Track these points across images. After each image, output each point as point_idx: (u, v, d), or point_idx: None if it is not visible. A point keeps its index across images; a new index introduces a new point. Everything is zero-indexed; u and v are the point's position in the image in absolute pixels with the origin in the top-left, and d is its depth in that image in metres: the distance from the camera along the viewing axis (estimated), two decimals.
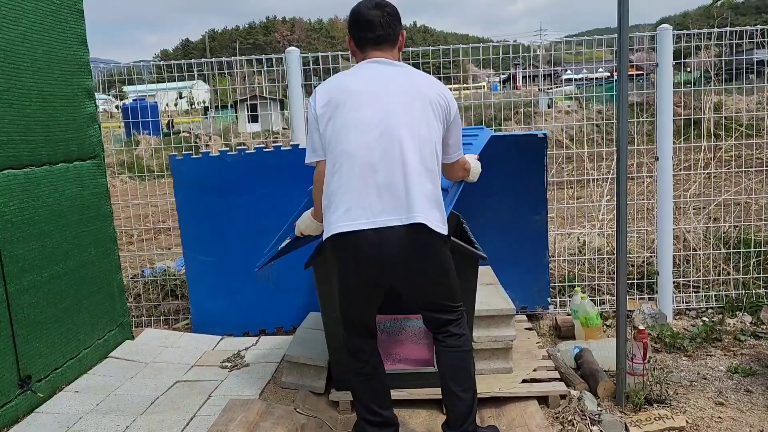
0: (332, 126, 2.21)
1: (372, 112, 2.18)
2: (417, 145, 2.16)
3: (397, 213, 2.11)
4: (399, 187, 2.12)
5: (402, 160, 2.13)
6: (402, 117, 2.17)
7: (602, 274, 4.28)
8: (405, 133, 2.15)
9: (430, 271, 2.23)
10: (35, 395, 2.78)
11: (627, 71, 2.58)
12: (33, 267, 2.81)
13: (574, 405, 2.77)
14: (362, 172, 2.13)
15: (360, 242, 2.12)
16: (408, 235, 2.12)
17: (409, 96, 2.22)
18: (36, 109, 2.86)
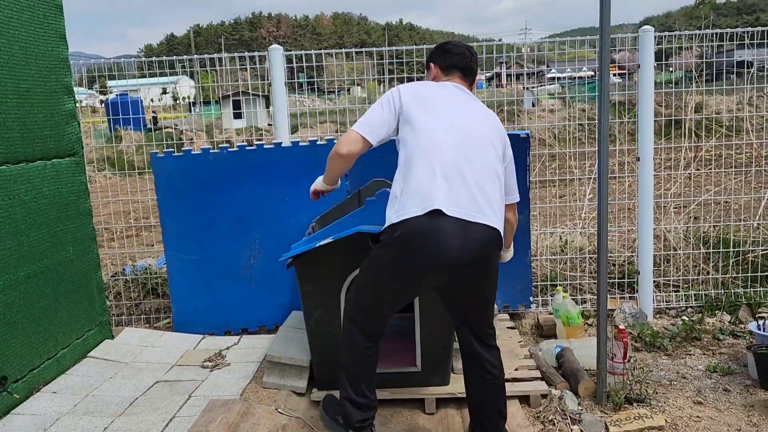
0: (417, 115, 2.29)
1: (460, 120, 2.31)
2: (496, 176, 2.28)
3: (483, 215, 2.16)
4: (484, 193, 2.19)
5: (486, 170, 2.24)
6: (484, 144, 2.30)
7: (584, 273, 4.30)
8: (487, 151, 2.28)
9: (491, 278, 2.29)
10: (11, 396, 2.73)
11: (608, 71, 2.60)
12: (9, 266, 2.76)
13: (555, 404, 2.78)
14: (449, 169, 2.19)
15: (444, 226, 2.11)
16: (490, 234, 2.17)
17: (486, 126, 2.36)
18: (12, 106, 2.81)
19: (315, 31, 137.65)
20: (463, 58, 2.51)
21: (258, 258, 3.78)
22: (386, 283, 2.29)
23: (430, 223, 2.12)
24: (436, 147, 2.22)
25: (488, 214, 2.18)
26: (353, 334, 2.39)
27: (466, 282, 2.24)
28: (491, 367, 2.35)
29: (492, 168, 2.27)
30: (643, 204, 3.73)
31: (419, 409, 2.86)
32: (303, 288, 2.79)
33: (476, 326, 2.34)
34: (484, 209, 2.17)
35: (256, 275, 3.79)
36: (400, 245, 2.17)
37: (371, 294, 2.34)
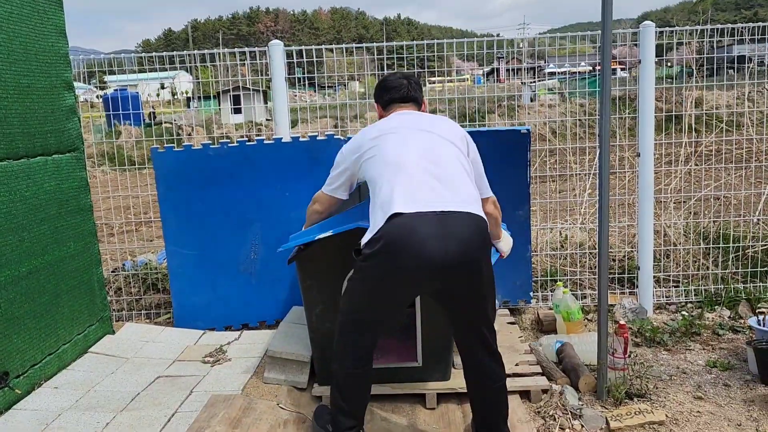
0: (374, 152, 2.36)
1: (414, 137, 2.36)
2: (462, 164, 2.34)
3: (458, 205, 2.16)
4: (453, 187, 2.21)
5: (452, 169, 2.28)
6: (441, 141, 2.36)
7: (584, 268, 4.31)
8: (449, 151, 2.34)
9: (485, 273, 2.20)
10: (13, 392, 2.74)
11: (610, 66, 2.60)
12: (10, 261, 2.76)
13: (555, 399, 2.79)
14: (418, 179, 2.21)
15: (420, 226, 2.08)
16: (470, 221, 2.15)
17: (439, 128, 2.43)
18: (13, 102, 2.80)
19: (313, 25, 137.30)
20: (399, 91, 2.60)
21: (258, 253, 3.78)
22: (377, 296, 2.24)
23: (406, 225, 2.09)
24: (400, 167, 2.25)
25: (465, 201, 2.18)
26: (344, 351, 2.34)
27: (461, 281, 2.18)
28: (493, 374, 2.33)
29: (459, 163, 2.32)
30: (644, 199, 3.74)
31: (420, 404, 2.87)
32: (304, 283, 2.79)
33: (479, 331, 2.29)
34: (460, 199, 2.18)
35: (256, 270, 3.80)
36: (384, 255, 2.12)
37: (362, 308, 2.30)
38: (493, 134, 3.73)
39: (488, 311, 2.30)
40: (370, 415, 2.77)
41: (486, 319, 2.30)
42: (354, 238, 2.57)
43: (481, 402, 2.40)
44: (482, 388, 2.37)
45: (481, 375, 2.35)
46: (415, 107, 2.62)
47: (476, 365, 2.35)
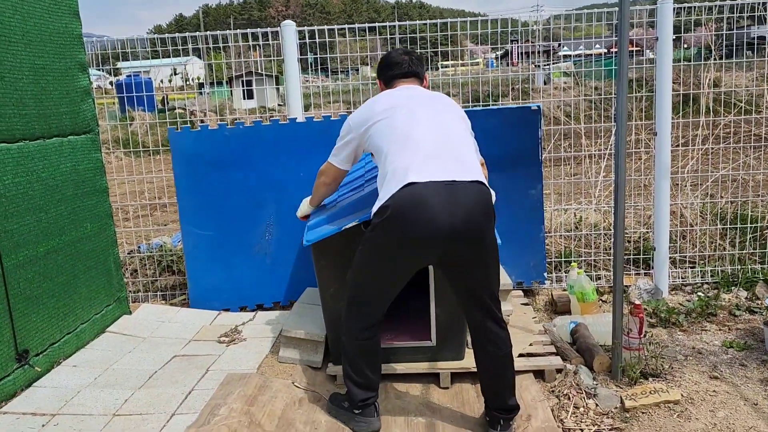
0: (380, 127, 2.38)
1: (421, 110, 2.39)
2: (467, 137, 2.41)
3: (462, 174, 2.19)
4: (460, 160, 2.26)
5: (459, 142, 2.33)
6: (447, 115, 2.42)
7: (598, 249, 4.29)
8: (454, 125, 2.39)
9: (489, 244, 2.24)
10: (33, 369, 2.78)
11: (627, 46, 2.56)
12: (28, 242, 2.79)
13: (570, 379, 2.79)
14: (427, 149, 2.24)
15: (431, 194, 2.12)
16: (476, 191, 2.19)
17: (442, 103, 2.49)
18: (28, 83, 2.81)
19: (324, 10, 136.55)
20: (401, 66, 2.61)
21: (273, 234, 3.79)
22: (383, 265, 2.30)
23: (420, 192, 2.13)
24: (410, 140, 2.28)
25: (471, 171, 2.23)
26: (351, 321, 2.41)
27: (465, 248, 2.21)
28: (499, 341, 2.35)
29: (464, 134, 2.40)
30: (660, 179, 3.69)
31: (434, 383, 2.88)
32: (318, 263, 2.80)
33: (482, 299, 2.31)
34: (467, 168, 2.23)
35: (270, 251, 3.81)
36: (392, 222, 2.17)
37: (369, 278, 2.36)
38: (504, 112, 3.70)
39: (491, 280, 2.33)
40: (384, 394, 2.79)
41: (489, 288, 2.32)
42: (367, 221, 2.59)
43: (487, 371, 2.41)
44: (488, 357, 2.38)
45: (486, 343, 2.36)
46: (417, 82, 2.63)
47: (481, 334, 2.37)
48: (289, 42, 3.80)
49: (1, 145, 2.63)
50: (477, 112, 3.71)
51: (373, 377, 2.46)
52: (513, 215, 3.76)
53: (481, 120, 3.68)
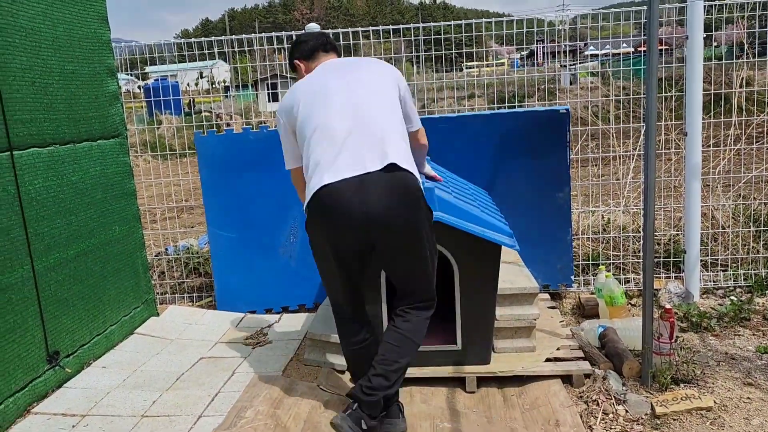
0: (301, 116, 2.36)
1: (339, 94, 2.34)
2: (387, 110, 2.35)
3: (375, 163, 2.20)
4: (375, 144, 2.24)
5: (375, 123, 2.28)
6: (366, 87, 2.37)
7: (627, 252, 4.21)
8: (373, 100, 2.34)
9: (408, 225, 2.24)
10: (63, 370, 2.83)
11: (657, 45, 2.50)
12: (58, 244, 2.84)
13: (598, 384, 2.74)
14: (339, 138, 2.25)
15: (344, 191, 2.18)
16: (389, 179, 2.20)
17: (368, 71, 2.45)
18: (58, 88, 2.86)
19: (348, 12, 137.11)
20: (317, 39, 2.62)
21: (297, 236, 3.81)
22: (327, 264, 2.36)
23: (331, 193, 2.19)
24: (322, 129, 2.29)
25: (389, 156, 2.21)
26: (339, 328, 2.51)
27: (387, 235, 2.24)
28: (405, 323, 2.36)
29: (386, 112, 2.34)
30: (691, 180, 3.62)
31: (460, 387, 2.85)
32: None
33: (409, 285, 2.36)
34: (376, 160, 2.21)
35: (295, 254, 3.83)
36: (314, 221, 2.28)
37: (327, 280, 2.43)
38: (531, 115, 3.67)
39: (418, 268, 2.34)
40: (409, 397, 2.78)
41: (414, 276, 2.35)
42: None
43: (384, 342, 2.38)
44: (389, 330, 2.39)
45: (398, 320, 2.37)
46: (336, 56, 2.63)
47: (399, 315, 2.38)
48: None
49: (32, 149, 2.68)
50: (504, 115, 3.68)
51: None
52: (540, 218, 3.72)
53: (508, 122, 3.66)
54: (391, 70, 2.49)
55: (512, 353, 2.97)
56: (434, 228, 2.39)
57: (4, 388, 2.48)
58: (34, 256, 2.66)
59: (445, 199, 2.67)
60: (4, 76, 2.51)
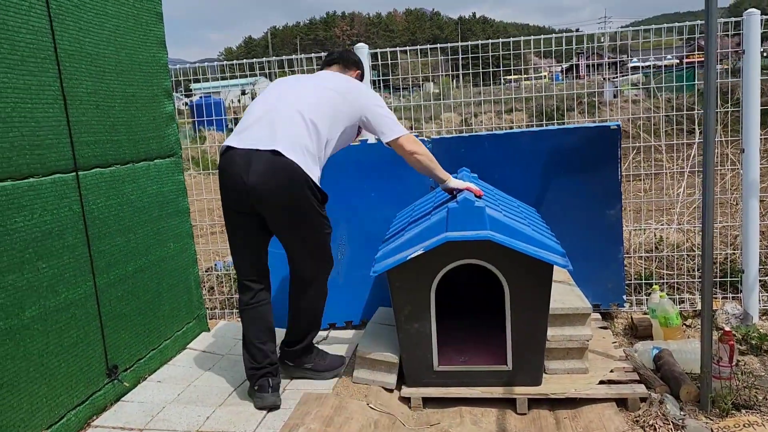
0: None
1: (294, 86, 2.85)
2: (305, 109, 2.68)
3: (265, 144, 2.59)
4: (272, 130, 2.63)
5: (282, 115, 2.67)
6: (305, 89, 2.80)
7: (681, 271, 4.11)
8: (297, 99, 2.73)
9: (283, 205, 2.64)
10: (121, 384, 2.90)
11: (715, 57, 2.45)
12: (119, 261, 2.94)
13: (655, 408, 2.67)
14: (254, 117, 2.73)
15: (236, 158, 2.61)
16: (271, 161, 2.57)
17: (322, 79, 2.90)
18: (120, 110, 2.97)
19: (388, 28, 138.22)
20: (328, 55, 3.19)
21: (345, 253, 3.83)
22: (226, 221, 2.80)
23: (228, 157, 2.65)
24: (256, 103, 2.80)
25: (280, 142, 2.58)
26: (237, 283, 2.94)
27: (269, 210, 2.66)
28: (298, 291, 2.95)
29: (295, 116, 2.66)
30: (749, 197, 3.51)
31: (510, 408, 2.82)
32: (392, 284, 2.80)
33: (292, 258, 2.87)
34: (266, 141, 2.59)
35: (342, 271, 3.85)
36: (220, 178, 2.72)
37: (228, 233, 2.83)
38: (582, 131, 3.63)
39: (298, 243, 2.80)
40: (459, 418, 2.76)
41: (296, 254, 2.84)
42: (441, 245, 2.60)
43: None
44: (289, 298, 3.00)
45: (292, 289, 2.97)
46: (338, 69, 3.06)
47: (292, 283, 2.97)
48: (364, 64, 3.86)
49: (96, 170, 2.79)
50: (553, 131, 3.65)
51: (259, 346, 2.80)
52: (590, 236, 3.67)
53: (557, 139, 3.63)
54: (347, 85, 2.84)
55: (564, 375, 2.92)
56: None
57: (67, 401, 2.56)
58: (96, 272, 2.76)
59: (496, 218, 2.66)
60: (71, 101, 2.62)
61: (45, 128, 2.47)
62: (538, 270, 2.67)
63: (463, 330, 3.26)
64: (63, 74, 2.58)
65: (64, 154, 2.58)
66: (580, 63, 10.76)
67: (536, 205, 3.69)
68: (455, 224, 2.65)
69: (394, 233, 3.12)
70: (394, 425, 2.69)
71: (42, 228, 2.44)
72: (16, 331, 2.30)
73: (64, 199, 2.57)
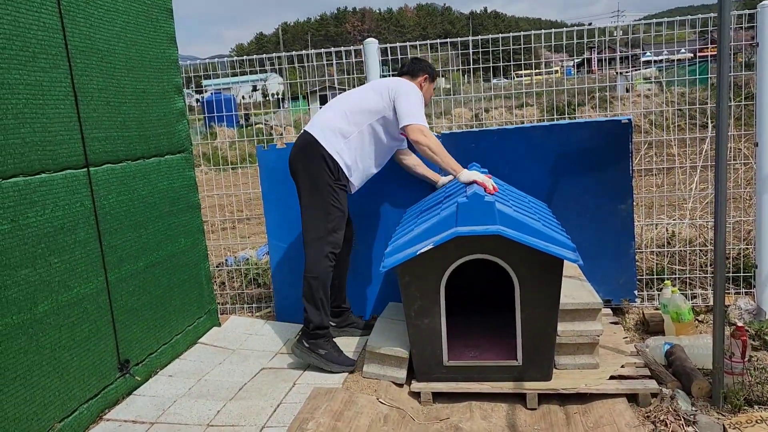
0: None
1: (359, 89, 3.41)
2: (342, 102, 3.24)
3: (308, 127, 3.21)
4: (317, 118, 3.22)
5: (324, 109, 3.28)
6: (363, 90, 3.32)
7: (693, 266, 4.07)
8: (339, 98, 3.31)
9: (298, 174, 3.18)
10: (133, 378, 2.93)
11: (728, 50, 2.42)
12: (130, 256, 2.96)
13: (666, 404, 2.65)
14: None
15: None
16: (301, 138, 3.20)
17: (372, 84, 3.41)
18: (131, 107, 2.99)
19: (399, 23, 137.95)
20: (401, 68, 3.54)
21: (355, 248, 3.83)
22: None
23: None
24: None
25: (313, 124, 3.17)
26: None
27: (294, 181, 3.26)
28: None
29: (332, 108, 3.22)
30: (762, 192, 3.47)
31: (520, 403, 2.81)
32: (403, 280, 2.80)
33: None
34: (312, 124, 3.18)
35: (352, 265, 3.85)
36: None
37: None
38: (593, 125, 3.60)
39: (302, 212, 3.19)
40: (469, 413, 2.76)
41: (302, 220, 3.20)
42: (451, 240, 2.59)
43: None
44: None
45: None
46: (408, 77, 3.38)
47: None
48: (372, 59, 3.86)
49: (107, 165, 2.81)
50: (564, 126, 3.63)
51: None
52: (602, 230, 3.64)
53: (568, 133, 3.61)
54: (386, 83, 3.24)
55: (574, 370, 2.91)
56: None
57: (80, 395, 2.59)
58: (107, 267, 2.78)
59: (506, 213, 2.65)
60: (82, 97, 2.64)
61: (56, 124, 2.49)
62: (549, 265, 2.66)
63: (472, 325, 3.25)
64: (74, 71, 2.60)
65: (75, 150, 2.60)
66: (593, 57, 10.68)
67: (547, 200, 3.67)
68: (465, 219, 2.65)
69: (404, 229, 3.12)
70: (403, 420, 2.70)
71: (54, 223, 2.46)
72: (29, 326, 2.33)
73: (76, 195, 2.59)
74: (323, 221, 3.10)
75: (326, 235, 3.11)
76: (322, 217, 3.10)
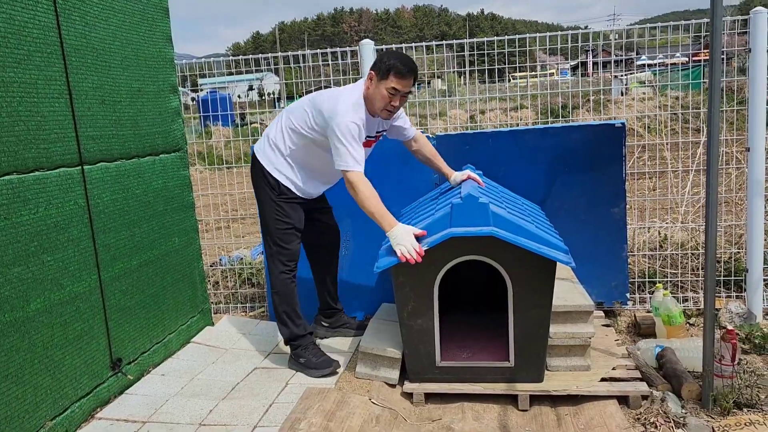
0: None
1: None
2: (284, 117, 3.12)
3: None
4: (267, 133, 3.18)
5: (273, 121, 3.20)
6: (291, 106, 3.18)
7: (685, 270, 4.10)
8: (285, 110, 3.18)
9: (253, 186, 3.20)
10: (125, 377, 2.93)
11: (720, 56, 2.45)
12: (123, 255, 2.96)
13: (656, 406, 2.67)
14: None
15: None
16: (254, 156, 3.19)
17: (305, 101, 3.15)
18: (125, 105, 2.99)
19: (396, 24, 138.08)
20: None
21: (348, 249, 3.84)
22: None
23: None
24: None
25: (258, 142, 3.17)
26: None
27: None
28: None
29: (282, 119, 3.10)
30: (753, 196, 3.50)
31: (512, 404, 2.82)
32: (396, 280, 2.81)
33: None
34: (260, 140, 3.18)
35: (346, 266, 3.86)
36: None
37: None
38: (587, 129, 3.62)
39: (263, 229, 3.20)
40: (461, 413, 2.77)
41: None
42: (445, 241, 2.60)
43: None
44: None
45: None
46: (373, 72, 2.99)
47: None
48: (368, 60, 3.86)
49: (101, 164, 2.80)
50: (558, 129, 3.65)
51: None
52: (594, 233, 3.66)
53: (562, 137, 3.63)
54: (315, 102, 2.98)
55: (566, 372, 2.92)
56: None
57: (71, 394, 2.59)
58: (101, 266, 2.78)
59: (499, 215, 2.67)
60: (77, 95, 2.64)
61: (51, 122, 2.49)
62: (542, 267, 2.68)
63: (465, 326, 3.27)
64: (69, 69, 2.60)
65: (69, 148, 2.60)
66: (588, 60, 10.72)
67: (540, 202, 3.69)
68: (459, 220, 2.66)
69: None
70: (395, 420, 2.70)
71: (47, 221, 2.46)
72: (21, 324, 2.33)
73: (70, 193, 2.59)
74: (271, 237, 3.12)
75: (276, 250, 3.11)
76: (269, 234, 3.13)
